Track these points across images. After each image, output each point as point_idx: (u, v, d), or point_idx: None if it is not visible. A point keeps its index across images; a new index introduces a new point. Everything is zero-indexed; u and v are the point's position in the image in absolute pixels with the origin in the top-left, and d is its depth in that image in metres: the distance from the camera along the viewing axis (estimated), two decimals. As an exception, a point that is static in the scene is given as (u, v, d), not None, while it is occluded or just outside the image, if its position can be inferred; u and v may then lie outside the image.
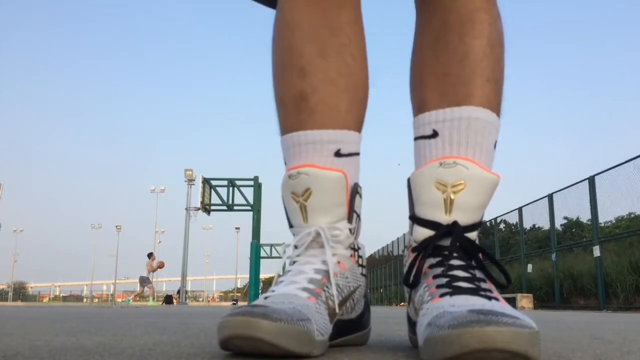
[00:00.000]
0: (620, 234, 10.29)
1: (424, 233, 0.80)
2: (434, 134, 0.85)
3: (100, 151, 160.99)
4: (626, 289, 9.29)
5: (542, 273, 12.53)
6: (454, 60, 0.87)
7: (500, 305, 0.67)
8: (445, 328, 0.60)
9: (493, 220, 16.41)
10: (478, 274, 0.76)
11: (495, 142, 0.86)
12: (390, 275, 26.70)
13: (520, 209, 14.03)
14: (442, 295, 0.71)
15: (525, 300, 11.82)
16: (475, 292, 0.71)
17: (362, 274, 0.90)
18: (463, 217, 0.79)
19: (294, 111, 0.89)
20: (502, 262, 13.92)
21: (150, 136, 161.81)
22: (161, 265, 18.51)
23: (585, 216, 11.27)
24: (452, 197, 0.78)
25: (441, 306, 0.68)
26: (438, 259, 0.78)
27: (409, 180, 0.85)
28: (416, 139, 0.89)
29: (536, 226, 14.06)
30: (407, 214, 0.86)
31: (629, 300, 9.25)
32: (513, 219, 15.32)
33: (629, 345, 1.01)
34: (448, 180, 0.78)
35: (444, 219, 0.79)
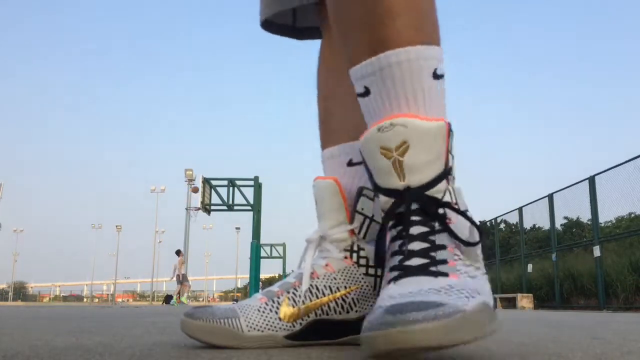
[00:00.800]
0: (620, 234, 10.28)
1: (388, 202, 0.76)
2: (367, 91, 0.79)
3: (101, 151, 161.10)
4: (626, 289, 9.29)
5: (542, 273, 12.52)
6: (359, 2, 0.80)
7: (438, 286, 0.65)
8: (365, 330, 0.61)
9: (493, 220, 16.41)
10: (439, 239, 0.71)
11: (435, 71, 0.77)
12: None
13: (520, 209, 14.03)
14: (389, 281, 0.69)
15: (525, 300, 11.82)
16: (424, 269, 0.68)
17: (366, 273, 0.91)
18: (420, 177, 0.73)
19: (321, 133, 1.09)
20: (502, 263, 13.83)
21: (150, 136, 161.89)
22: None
23: (585, 216, 11.27)
24: (400, 159, 0.73)
25: (381, 299, 0.66)
26: (399, 228, 0.74)
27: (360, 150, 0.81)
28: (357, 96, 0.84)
29: (536, 226, 14.06)
30: None
31: (629, 300, 9.24)
32: (513, 218, 15.32)
33: (629, 345, 1.01)
34: (390, 145, 0.73)
35: (400, 184, 0.73)
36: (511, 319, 2.90)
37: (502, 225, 16.80)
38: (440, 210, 0.73)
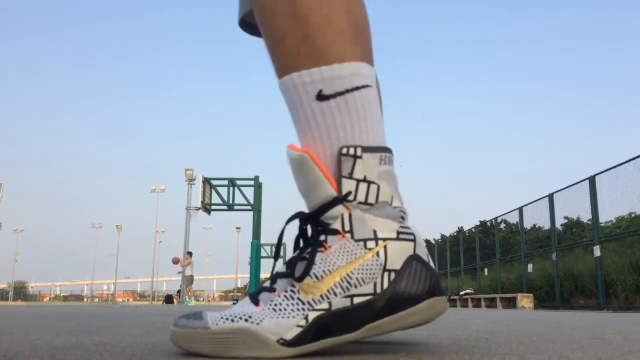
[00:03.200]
0: (620, 233, 10.28)
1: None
2: None
3: (101, 151, 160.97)
4: (627, 288, 9.28)
5: (543, 273, 12.52)
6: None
7: (239, 310, 0.75)
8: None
9: (494, 220, 16.40)
10: (291, 269, 0.77)
11: (320, 92, 0.73)
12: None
13: (520, 209, 14.02)
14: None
15: (525, 300, 11.82)
16: (255, 295, 0.78)
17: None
18: (308, 203, 0.77)
19: None
20: (502, 262, 13.79)
21: (151, 136, 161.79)
22: (176, 261, 18.20)
23: (585, 216, 11.27)
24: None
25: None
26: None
27: None
28: None
29: (536, 226, 14.06)
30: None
31: (630, 300, 9.24)
32: (513, 218, 15.31)
33: (629, 345, 1.01)
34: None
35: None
36: (511, 319, 2.90)
37: (503, 225, 16.80)
38: (322, 237, 0.75)
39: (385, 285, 0.73)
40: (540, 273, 12.63)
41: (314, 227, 0.76)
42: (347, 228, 0.74)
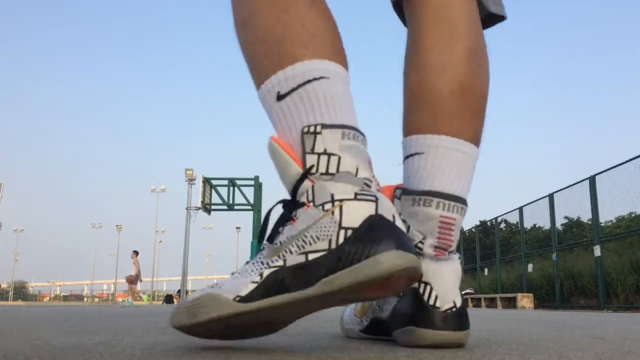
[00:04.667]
0: (620, 233, 10.28)
1: None
2: None
3: (101, 150, 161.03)
4: (627, 288, 9.29)
5: (543, 273, 12.52)
6: None
7: (221, 282, 0.83)
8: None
9: (494, 220, 16.40)
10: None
11: (278, 93, 0.84)
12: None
13: (520, 209, 14.02)
14: None
15: (525, 300, 11.82)
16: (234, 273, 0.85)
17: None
18: (286, 187, 0.84)
19: None
20: (502, 262, 13.80)
21: (151, 136, 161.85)
22: (131, 280, 16.80)
23: (585, 216, 11.28)
24: None
25: None
26: None
27: None
28: None
29: (537, 226, 14.06)
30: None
31: (630, 300, 9.24)
32: (514, 218, 15.32)
33: (629, 345, 1.01)
34: None
35: None
36: (511, 318, 2.90)
37: (503, 225, 16.80)
38: (294, 213, 0.80)
39: (341, 241, 0.73)
40: (540, 273, 12.63)
41: (286, 205, 0.82)
42: (310, 198, 0.78)
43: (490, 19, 1.08)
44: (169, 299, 27.05)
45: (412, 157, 0.94)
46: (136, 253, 16.71)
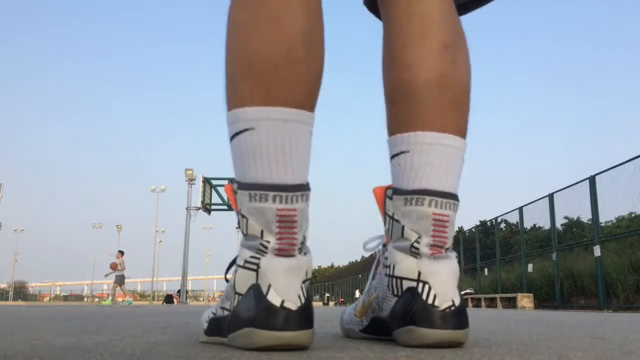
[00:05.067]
0: (621, 233, 10.28)
1: None
2: None
3: (101, 150, 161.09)
4: (627, 288, 9.29)
5: (543, 273, 12.52)
6: None
7: (212, 307, 0.96)
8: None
9: (494, 220, 16.40)
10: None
11: (233, 134, 0.87)
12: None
13: (520, 209, 14.02)
14: None
15: (525, 300, 11.82)
16: None
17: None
18: None
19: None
20: (502, 262, 13.86)
21: (151, 136, 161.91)
22: (114, 267, 16.92)
23: (585, 216, 11.28)
24: None
25: None
26: None
27: None
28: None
29: (537, 226, 14.06)
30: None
31: (630, 300, 9.24)
32: (514, 218, 15.32)
33: (629, 345, 1.01)
34: None
35: None
36: (511, 318, 2.90)
37: (503, 225, 16.80)
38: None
39: (234, 304, 0.84)
40: (540, 273, 12.63)
41: None
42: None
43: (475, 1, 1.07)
44: (169, 299, 27.04)
45: (398, 156, 0.94)
46: (121, 253, 16.56)
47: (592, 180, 10.25)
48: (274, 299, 0.78)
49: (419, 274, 0.88)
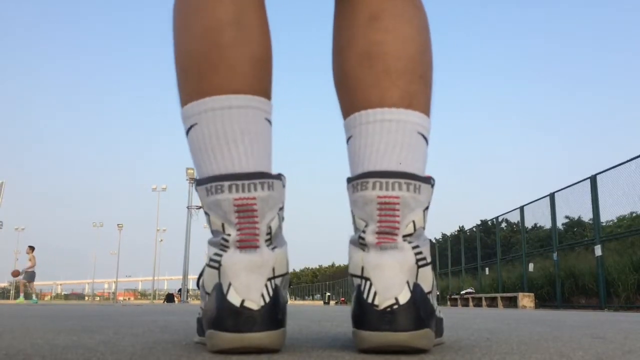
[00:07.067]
0: (621, 233, 10.27)
1: None
2: None
3: (102, 150, 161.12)
4: (627, 288, 9.28)
5: (544, 272, 12.51)
6: None
7: None
8: None
9: (495, 219, 16.39)
10: None
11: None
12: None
13: (521, 208, 14.01)
14: None
15: (526, 299, 11.81)
16: None
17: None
18: None
19: None
20: (503, 262, 13.84)
21: (151, 135, 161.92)
22: (16, 274, 16.68)
23: (586, 215, 11.26)
24: None
25: None
26: None
27: None
28: None
29: (538, 225, 14.05)
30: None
31: (631, 300, 9.24)
32: (514, 218, 15.31)
33: (630, 345, 1.01)
34: None
35: None
36: (512, 318, 2.90)
37: (504, 225, 16.78)
38: None
39: (204, 305, 0.81)
40: (541, 272, 12.63)
41: None
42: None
43: None
44: (169, 298, 27.07)
45: (348, 144, 0.87)
46: (32, 248, 16.43)
47: (593, 179, 10.24)
48: (234, 298, 0.73)
49: (362, 269, 0.79)
